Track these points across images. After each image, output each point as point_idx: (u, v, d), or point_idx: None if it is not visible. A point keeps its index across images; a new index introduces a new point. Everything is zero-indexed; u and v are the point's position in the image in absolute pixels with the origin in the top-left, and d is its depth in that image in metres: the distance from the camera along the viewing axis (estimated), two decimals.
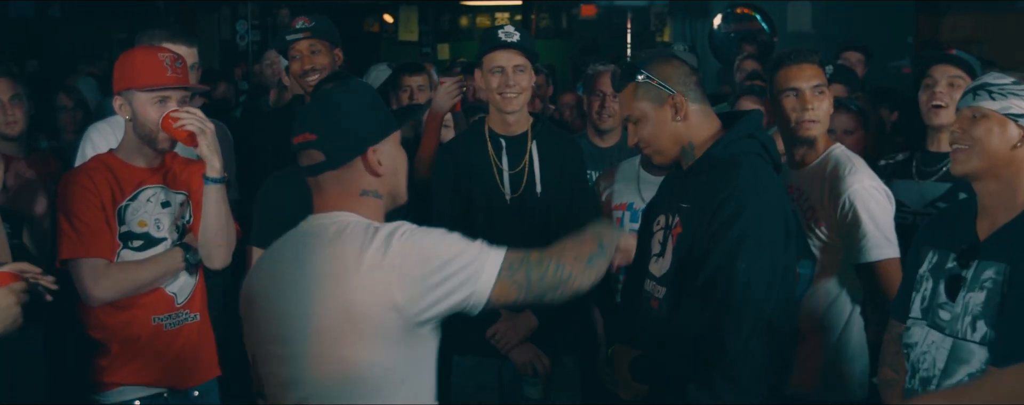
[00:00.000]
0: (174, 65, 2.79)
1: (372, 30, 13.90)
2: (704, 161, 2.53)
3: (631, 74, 2.56)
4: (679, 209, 2.56)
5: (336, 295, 1.86)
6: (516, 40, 3.11)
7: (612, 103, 3.97)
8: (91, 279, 2.77)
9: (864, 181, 2.87)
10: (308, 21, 3.65)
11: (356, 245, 1.87)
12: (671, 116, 2.53)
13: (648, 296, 2.61)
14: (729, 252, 2.37)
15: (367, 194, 1.99)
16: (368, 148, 1.97)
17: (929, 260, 2.37)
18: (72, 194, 2.80)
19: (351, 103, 2.00)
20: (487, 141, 3.21)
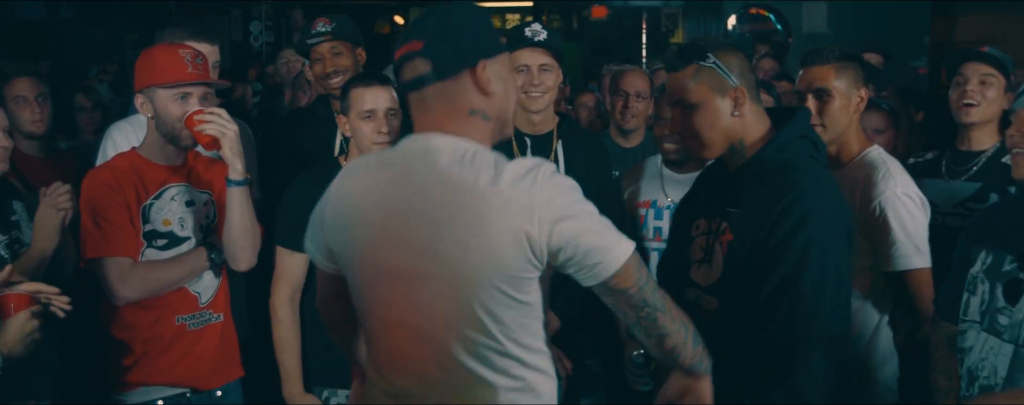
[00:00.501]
0: (195, 61, 2.77)
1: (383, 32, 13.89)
2: (756, 163, 2.38)
3: (696, 55, 2.37)
4: (726, 214, 2.41)
5: (477, 226, 1.73)
6: (543, 39, 3.07)
7: (636, 103, 3.94)
8: (117, 278, 2.75)
9: (897, 188, 2.79)
10: (328, 23, 3.62)
11: (490, 173, 1.75)
12: (729, 109, 2.37)
13: (694, 306, 2.45)
14: (795, 264, 2.24)
15: (476, 114, 1.84)
16: (479, 61, 1.82)
17: (982, 261, 2.29)
18: (96, 193, 2.78)
19: (464, 14, 1.86)
20: (512, 140, 3.18)
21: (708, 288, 2.42)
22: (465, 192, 1.76)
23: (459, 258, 1.76)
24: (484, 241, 1.74)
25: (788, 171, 2.33)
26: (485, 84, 1.83)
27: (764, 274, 2.28)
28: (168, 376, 2.87)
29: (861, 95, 2.90)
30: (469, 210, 1.75)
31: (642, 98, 3.93)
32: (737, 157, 2.42)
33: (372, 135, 2.90)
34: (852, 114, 2.91)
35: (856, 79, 2.90)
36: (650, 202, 3.40)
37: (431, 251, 1.78)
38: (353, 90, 2.95)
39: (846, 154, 2.93)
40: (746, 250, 2.32)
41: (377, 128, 2.91)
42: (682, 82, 2.38)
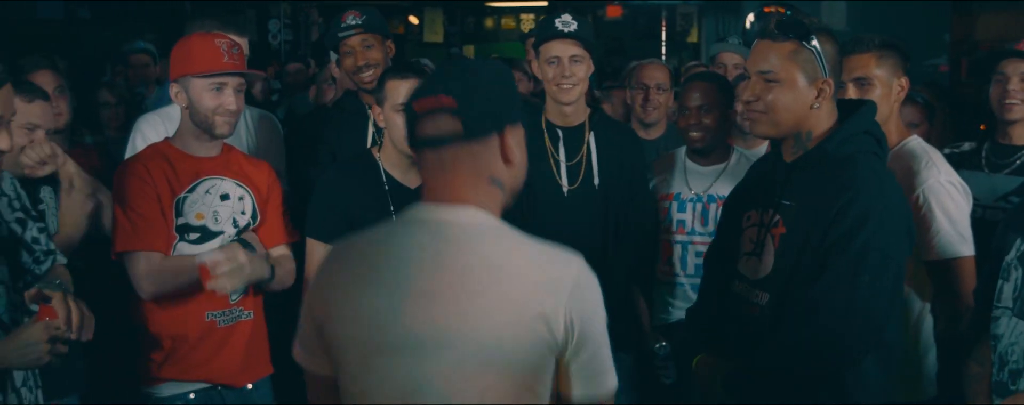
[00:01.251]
0: (231, 51, 2.75)
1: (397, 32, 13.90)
2: (815, 155, 2.29)
3: (800, 34, 2.25)
4: (780, 206, 2.33)
5: (495, 309, 1.60)
6: (573, 30, 3.04)
7: (657, 95, 3.94)
8: (145, 272, 2.73)
9: (941, 176, 2.76)
10: (359, 15, 3.58)
11: (524, 258, 1.65)
12: (812, 98, 2.28)
13: (740, 300, 2.40)
14: (852, 264, 2.16)
15: (495, 183, 1.70)
16: (507, 125, 1.69)
17: (1017, 247, 2.26)
18: (128, 185, 2.76)
19: (495, 74, 1.73)
20: (544, 132, 3.16)
21: (757, 282, 2.36)
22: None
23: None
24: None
25: (849, 166, 2.26)
26: (509, 151, 1.70)
27: (818, 272, 2.21)
28: (198, 372, 2.84)
29: (901, 84, 2.86)
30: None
31: (662, 90, 3.93)
32: (799, 146, 2.34)
33: (402, 129, 2.87)
34: (893, 103, 2.86)
35: (896, 67, 2.85)
36: (673, 195, 3.38)
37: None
38: (389, 81, 2.93)
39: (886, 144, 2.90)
40: (800, 245, 2.26)
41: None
42: (777, 55, 2.27)
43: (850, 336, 2.20)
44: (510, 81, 1.76)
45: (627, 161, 3.18)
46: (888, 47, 2.88)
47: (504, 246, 1.66)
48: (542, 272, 1.63)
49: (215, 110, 2.74)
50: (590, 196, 3.13)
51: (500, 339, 1.59)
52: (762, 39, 2.31)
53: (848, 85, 2.85)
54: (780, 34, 2.27)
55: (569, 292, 1.62)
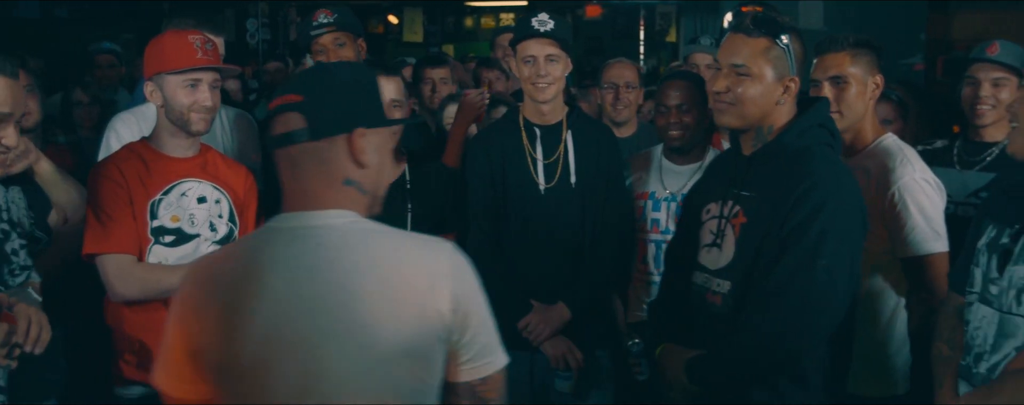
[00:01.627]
0: (205, 47, 2.73)
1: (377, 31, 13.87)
2: (774, 147, 2.39)
3: (773, 32, 2.35)
4: (740, 197, 2.41)
5: (384, 306, 1.62)
6: (549, 29, 3.04)
7: (627, 93, 3.96)
8: (115, 275, 2.71)
9: (916, 173, 2.81)
10: (330, 14, 3.58)
11: (402, 252, 1.67)
12: (779, 94, 2.37)
13: (702, 290, 2.47)
14: (811, 249, 2.24)
15: (351, 185, 1.69)
16: (357, 128, 1.67)
17: (988, 234, 2.31)
18: (100, 187, 2.74)
19: (351, 76, 1.72)
20: (521, 130, 3.16)
21: (718, 271, 2.43)
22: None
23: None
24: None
25: (806, 158, 2.34)
26: (359, 153, 1.68)
27: (777, 259, 2.29)
28: None
29: (876, 81, 2.90)
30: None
31: (632, 88, 3.96)
32: (759, 140, 2.42)
33: None
34: (868, 101, 2.90)
35: (871, 65, 2.89)
36: (648, 193, 3.40)
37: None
38: None
39: (860, 141, 2.93)
40: (760, 234, 2.34)
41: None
42: (750, 50, 2.35)
43: (810, 319, 2.27)
44: (368, 85, 1.74)
45: (604, 159, 3.18)
46: (862, 46, 2.91)
47: (380, 243, 1.67)
48: (421, 262, 1.64)
49: (190, 107, 2.72)
50: (567, 194, 3.14)
51: (393, 335, 1.60)
52: (736, 33, 2.39)
53: (824, 83, 2.88)
54: (754, 30, 2.34)
55: (449, 277, 1.64)
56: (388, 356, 1.60)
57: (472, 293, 1.68)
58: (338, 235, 1.65)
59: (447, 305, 1.63)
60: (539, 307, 3.12)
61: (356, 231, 1.67)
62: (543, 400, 3.22)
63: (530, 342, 3.12)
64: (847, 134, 2.91)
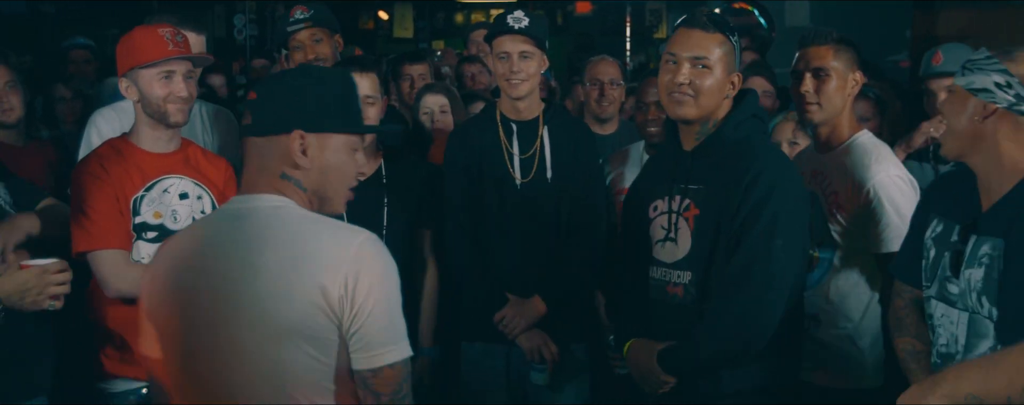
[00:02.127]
0: (175, 38, 2.75)
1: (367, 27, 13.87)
2: (714, 140, 2.51)
3: (726, 30, 2.50)
4: (687, 191, 2.52)
5: (281, 285, 1.74)
6: (524, 26, 3.08)
7: (611, 90, 4.00)
8: (109, 271, 2.73)
9: (890, 170, 2.84)
10: (306, 10, 3.61)
11: (310, 235, 1.78)
12: (728, 89, 2.51)
13: (660, 283, 2.56)
14: (766, 231, 2.37)
15: (288, 179, 1.84)
16: (295, 129, 1.81)
17: (933, 228, 2.33)
18: (85, 184, 2.76)
19: (313, 82, 1.87)
20: (498, 125, 3.19)
21: (676, 264, 2.52)
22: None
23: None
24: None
25: (748, 147, 2.48)
26: (295, 153, 1.82)
27: (737, 243, 2.40)
28: None
29: (856, 78, 2.93)
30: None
31: (616, 85, 3.99)
32: (701, 134, 2.53)
33: None
34: (847, 96, 2.93)
35: (852, 62, 2.92)
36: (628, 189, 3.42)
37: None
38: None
39: (837, 138, 2.96)
40: (714, 222, 2.45)
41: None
42: (711, 44, 2.48)
43: (774, 298, 2.38)
44: (333, 95, 1.86)
45: (581, 155, 3.22)
46: (844, 42, 2.95)
47: (293, 226, 1.79)
48: (325, 248, 1.75)
49: (166, 98, 2.74)
50: (543, 188, 3.17)
51: (286, 312, 1.72)
52: (692, 28, 2.50)
53: (806, 75, 2.91)
54: (711, 26, 2.47)
55: (348, 265, 1.72)
56: (279, 332, 1.73)
57: (372, 285, 1.74)
58: (261, 216, 1.81)
59: (338, 291, 1.71)
60: (515, 300, 3.15)
61: (278, 214, 1.81)
62: (519, 393, 3.25)
63: (506, 335, 3.15)
64: (824, 128, 2.95)
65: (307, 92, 1.84)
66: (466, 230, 3.18)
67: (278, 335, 1.74)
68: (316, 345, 1.74)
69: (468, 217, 3.18)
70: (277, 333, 1.74)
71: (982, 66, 2.17)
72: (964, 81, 2.19)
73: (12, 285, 2.29)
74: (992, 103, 2.13)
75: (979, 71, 2.17)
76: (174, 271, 1.86)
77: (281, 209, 1.83)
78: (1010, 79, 2.11)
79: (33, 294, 2.31)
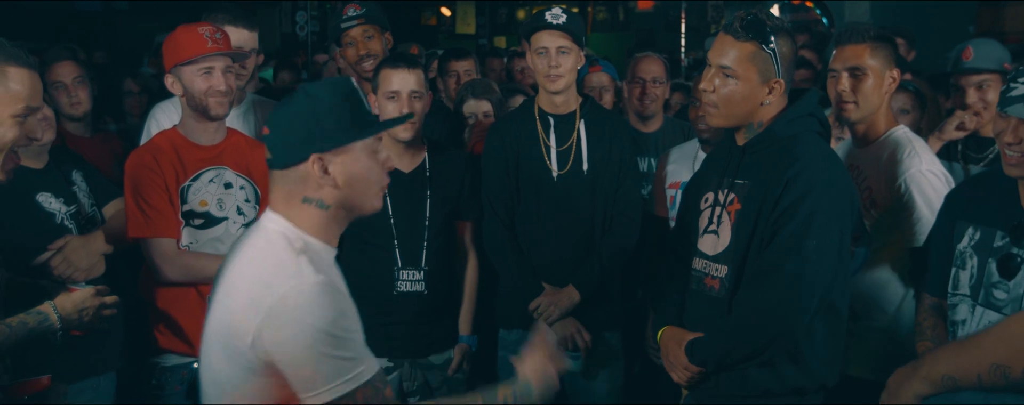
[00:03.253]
0: (214, 36, 2.90)
1: (430, 23, 14.06)
2: (765, 137, 2.48)
3: (760, 37, 2.40)
4: (734, 186, 2.50)
5: (226, 304, 1.86)
6: (562, 22, 3.15)
7: (653, 88, 3.99)
8: (161, 260, 2.90)
9: (922, 165, 2.83)
10: (359, 7, 3.73)
11: (258, 269, 1.85)
12: (763, 96, 2.45)
13: (700, 275, 2.56)
14: (800, 230, 2.33)
15: (309, 202, 1.90)
16: (312, 155, 1.87)
17: (970, 236, 2.33)
18: (138, 174, 2.93)
19: (310, 102, 1.89)
20: (536, 119, 3.28)
21: (716, 257, 2.51)
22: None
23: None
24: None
25: (795, 144, 2.43)
26: (318, 177, 1.88)
27: (770, 240, 2.37)
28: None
29: (893, 75, 2.93)
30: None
31: (659, 83, 3.99)
32: (750, 132, 2.50)
33: (395, 115, 3.04)
34: (883, 94, 2.94)
35: (889, 59, 2.93)
36: (680, 183, 3.49)
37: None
38: (382, 71, 3.10)
39: (873, 133, 2.97)
40: (754, 219, 2.42)
41: (399, 108, 3.05)
42: (738, 53, 2.42)
43: (799, 297, 2.34)
44: (334, 108, 1.88)
45: (616, 148, 3.29)
46: (882, 39, 2.95)
47: (251, 257, 1.87)
48: (252, 290, 1.80)
49: (207, 92, 2.90)
50: (579, 180, 3.25)
51: (223, 343, 1.83)
52: (726, 34, 2.45)
53: (842, 73, 2.92)
54: (742, 33, 2.40)
55: (264, 316, 1.77)
56: (222, 352, 1.84)
57: (285, 340, 1.76)
58: (249, 240, 1.93)
59: (249, 339, 1.78)
60: (550, 289, 3.24)
61: (259, 240, 1.90)
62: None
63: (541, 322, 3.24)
64: (860, 126, 2.97)
65: (310, 115, 1.88)
66: (503, 220, 3.27)
67: (220, 352, 1.85)
68: (251, 372, 1.82)
69: (505, 208, 3.28)
70: (221, 352, 1.85)
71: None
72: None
73: (71, 305, 2.40)
74: None
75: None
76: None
77: (266, 235, 1.90)
78: None
79: (90, 313, 2.43)
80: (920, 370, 1.74)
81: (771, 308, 2.37)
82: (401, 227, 3.16)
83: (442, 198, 3.25)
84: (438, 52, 5.45)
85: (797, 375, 2.45)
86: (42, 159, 2.99)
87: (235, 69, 2.99)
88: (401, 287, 3.16)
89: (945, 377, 1.68)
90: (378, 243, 3.15)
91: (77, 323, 2.44)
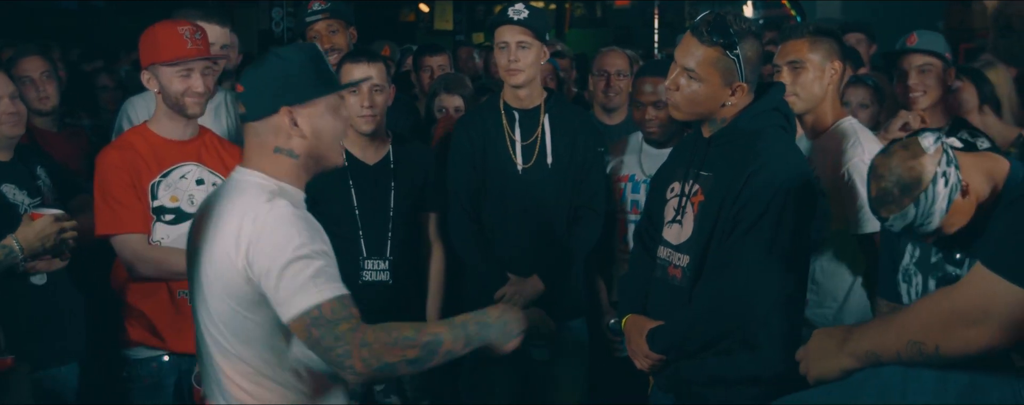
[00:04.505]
0: (194, 37, 2.92)
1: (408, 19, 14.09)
2: (730, 130, 2.53)
3: (725, 43, 2.44)
4: (698, 177, 2.56)
5: (215, 252, 2.03)
6: (522, 18, 3.22)
7: (618, 81, 4.06)
8: (131, 256, 2.92)
9: (865, 155, 2.88)
10: (324, 2, 3.81)
11: (239, 209, 2.03)
12: (726, 97, 2.50)
13: (664, 264, 2.63)
14: (760, 222, 2.39)
15: (280, 152, 2.10)
16: (283, 107, 2.07)
17: (911, 253, 2.37)
18: (106, 172, 2.95)
19: (281, 62, 2.10)
20: (502, 114, 3.35)
21: (679, 246, 2.58)
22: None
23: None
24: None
25: (758, 138, 2.49)
26: (288, 128, 2.07)
27: (730, 230, 2.45)
28: (172, 342, 2.99)
29: (835, 68, 3.01)
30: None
31: (623, 76, 4.06)
32: (714, 126, 2.57)
33: (356, 108, 3.13)
34: (826, 85, 3.01)
35: (830, 52, 3.01)
36: (629, 176, 3.57)
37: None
38: (344, 65, 3.16)
39: (821, 124, 3.06)
40: (716, 210, 2.49)
41: (360, 102, 3.12)
42: (702, 56, 2.47)
43: (756, 288, 2.42)
44: (302, 66, 2.08)
45: (580, 141, 3.36)
46: (822, 34, 3.03)
47: (234, 198, 2.07)
48: (238, 219, 2.01)
49: (185, 93, 2.92)
50: (544, 174, 3.33)
51: (215, 276, 2.03)
52: (692, 35, 2.51)
53: (783, 68, 3.01)
54: (706, 37, 2.46)
55: (248, 243, 1.98)
56: (213, 292, 2.05)
57: (266, 247, 1.97)
58: (232, 188, 2.11)
59: (243, 261, 1.98)
60: (514, 279, 3.31)
61: (239, 186, 2.09)
62: (521, 367, 3.41)
63: None
64: (808, 117, 3.05)
65: (281, 72, 2.08)
66: (469, 212, 3.34)
67: (212, 295, 2.05)
68: (244, 303, 2.02)
69: (471, 201, 3.34)
70: (211, 294, 2.05)
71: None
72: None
73: (33, 233, 2.55)
74: None
75: None
76: (193, 226, 2.21)
77: (246, 184, 2.09)
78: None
79: (52, 240, 2.57)
80: (847, 345, 1.83)
81: (729, 298, 2.44)
82: (366, 217, 3.22)
83: (407, 189, 3.30)
84: (413, 48, 5.52)
85: (753, 363, 2.51)
86: (8, 153, 3.03)
87: (213, 70, 3.02)
88: (366, 276, 3.22)
89: (868, 352, 1.77)
90: (343, 233, 3.19)
91: (40, 249, 2.59)
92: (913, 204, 1.98)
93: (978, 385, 1.62)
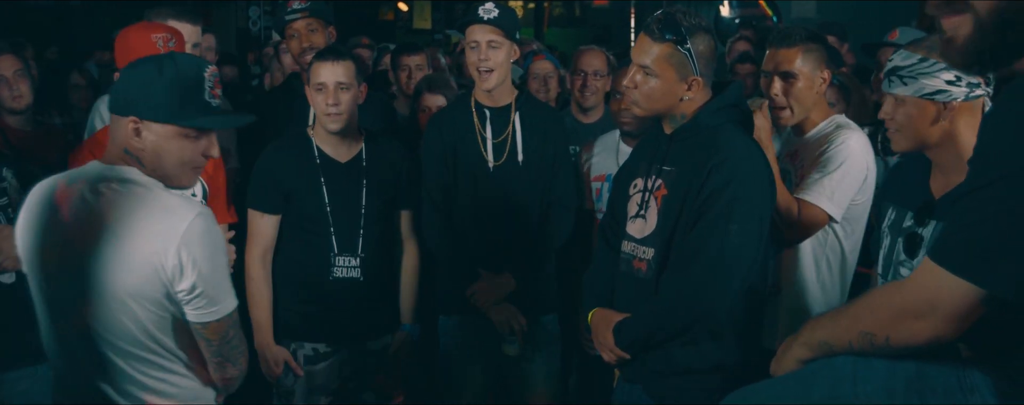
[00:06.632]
0: (168, 45, 2.94)
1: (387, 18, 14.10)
2: (690, 126, 2.58)
3: (675, 38, 2.51)
4: (661, 172, 2.62)
5: (125, 253, 2.00)
6: (492, 17, 3.24)
7: (594, 81, 4.10)
8: None
9: (850, 140, 2.94)
10: (303, 1, 3.82)
11: (149, 211, 2.02)
12: (683, 91, 2.56)
13: (629, 258, 2.67)
14: (723, 215, 2.45)
15: (130, 155, 2.08)
16: (131, 116, 2.04)
17: (888, 217, 2.45)
18: None
19: (155, 71, 2.04)
20: (473, 111, 3.38)
21: (643, 240, 2.63)
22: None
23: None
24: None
25: (718, 134, 2.55)
26: (129, 136, 2.06)
27: (693, 223, 2.50)
28: None
29: (824, 76, 3.02)
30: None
31: (600, 76, 4.09)
32: (674, 122, 2.62)
33: (322, 106, 3.15)
34: (816, 94, 3.03)
35: (820, 61, 3.01)
36: (605, 176, 3.60)
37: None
38: (313, 64, 3.18)
39: (810, 125, 3.08)
40: (679, 204, 2.55)
41: (325, 100, 3.14)
42: (656, 53, 2.53)
43: (722, 279, 2.47)
44: (164, 82, 2.03)
45: (550, 139, 3.39)
46: (813, 41, 3.02)
47: (141, 200, 2.03)
48: (159, 222, 2.00)
49: None
50: (514, 171, 3.36)
51: (124, 279, 2.00)
52: (645, 34, 2.56)
53: (774, 78, 3.01)
54: (658, 34, 2.52)
55: (180, 237, 1.99)
56: (121, 294, 2.02)
57: (202, 256, 2.01)
58: (120, 190, 2.05)
59: (172, 262, 1.99)
60: (486, 276, 3.34)
61: (131, 188, 2.05)
62: (494, 363, 3.45)
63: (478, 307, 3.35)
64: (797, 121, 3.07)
65: (147, 81, 2.04)
66: (441, 209, 3.37)
67: (119, 297, 2.02)
68: (156, 305, 2.04)
69: (443, 198, 3.37)
70: (117, 296, 2.02)
71: (924, 71, 2.30)
72: (911, 89, 2.31)
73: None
74: (952, 101, 2.27)
75: (923, 76, 2.30)
76: (46, 218, 2.11)
77: (135, 184, 2.06)
78: (957, 73, 2.23)
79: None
80: (801, 336, 1.87)
81: (694, 290, 2.48)
82: (337, 214, 3.24)
83: (378, 186, 3.32)
84: (390, 47, 5.54)
85: (718, 352, 2.57)
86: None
87: None
88: (337, 273, 3.24)
89: (821, 342, 1.81)
90: (314, 230, 3.22)
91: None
92: (922, 58, 2.26)
93: (924, 374, 1.66)
